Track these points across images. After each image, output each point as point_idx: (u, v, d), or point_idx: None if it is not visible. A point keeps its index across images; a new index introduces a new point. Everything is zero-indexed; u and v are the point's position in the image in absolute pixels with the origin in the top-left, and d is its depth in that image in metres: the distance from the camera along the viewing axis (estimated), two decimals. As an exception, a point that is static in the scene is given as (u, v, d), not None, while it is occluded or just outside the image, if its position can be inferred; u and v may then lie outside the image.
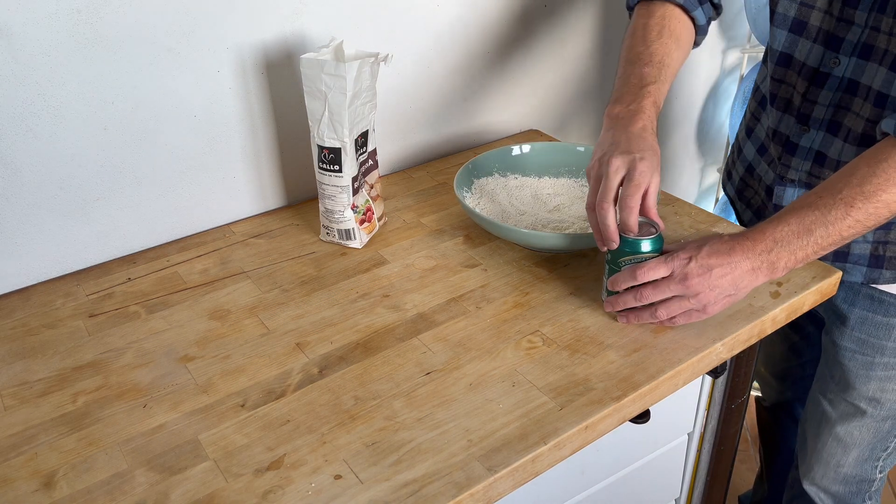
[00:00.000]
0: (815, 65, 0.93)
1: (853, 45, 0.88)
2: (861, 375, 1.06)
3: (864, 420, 1.09)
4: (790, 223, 0.80)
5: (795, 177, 1.00)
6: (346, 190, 1.00)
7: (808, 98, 0.95)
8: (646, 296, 0.82)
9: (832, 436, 1.13)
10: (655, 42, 0.95)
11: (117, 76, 0.95)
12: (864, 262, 0.98)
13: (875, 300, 1.01)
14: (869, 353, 1.04)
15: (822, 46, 0.91)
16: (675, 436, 1.02)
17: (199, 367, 0.84)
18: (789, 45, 0.95)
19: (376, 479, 0.69)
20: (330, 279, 0.98)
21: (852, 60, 0.89)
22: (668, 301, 0.82)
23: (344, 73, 0.91)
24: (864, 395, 1.07)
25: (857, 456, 1.13)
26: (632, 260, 0.84)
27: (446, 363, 0.83)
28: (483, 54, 1.28)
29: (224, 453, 0.73)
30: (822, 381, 1.14)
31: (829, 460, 1.16)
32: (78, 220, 1.00)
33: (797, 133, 0.97)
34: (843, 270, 1.00)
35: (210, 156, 1.07)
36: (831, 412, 1.12)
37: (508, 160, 1.14)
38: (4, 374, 0.84)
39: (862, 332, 1.03)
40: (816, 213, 0.79)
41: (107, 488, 0.69)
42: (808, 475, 1.20)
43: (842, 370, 1.08)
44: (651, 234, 0.83)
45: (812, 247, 0.80)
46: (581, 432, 0.74)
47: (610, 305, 0.86)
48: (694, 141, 1.81)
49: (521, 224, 1.03)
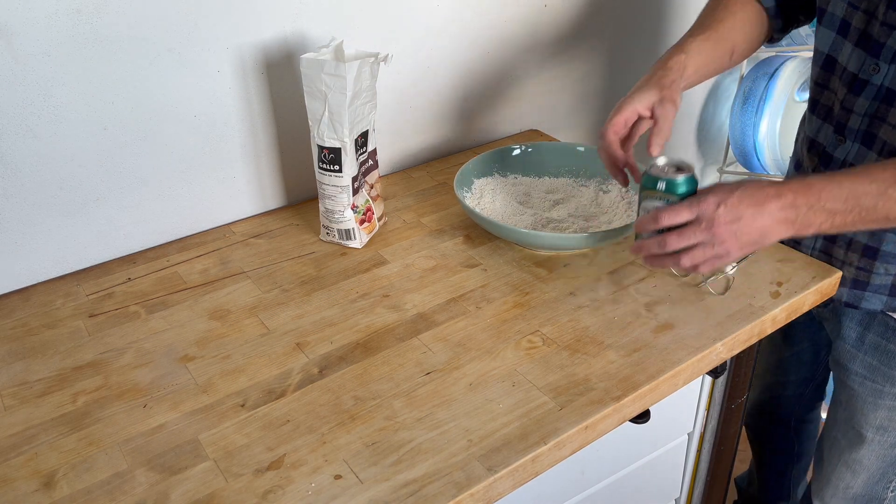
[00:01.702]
0: (855, 70, 0.89)
1: (893, 52, 0.84)
2: (870, 403, 1.03)
3: (871, 447, 1.07)
4: (843, 185, 0.75)
5: None
6: (346, 190, 1.00)
7: (844, 106, 0.91)
8: (669, 244, 0.78)
9: (841, 461, 1.12)
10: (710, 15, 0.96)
11: (117, 76, 0.95)
12: (884, 291, 0.96)
13: (890, 328, 0.98)
14: (879, 382, 1.01)
15: (863, 51, 0.87)
16: (675, 436, 1.02)
17: (199, 367, 0.84)
18: (834, 48, 0.92)
19: (376, 479, 0.69)
20: (330, 279, 0.98)
21: (892, 68, 0.85)
22: (693, 248, 0.78)
23: (344, 73, 0.91)
24: (872, 424, 1.05)
25: (866, 479, 1.11)
26: (658, 200, 0.79)
27: (446, 363, 0.83)
28: (483, 54, 1.28)
29: (224, 453, 0.73)
30: (834, 406, 1.12)
31: (837, 483, 1.14)
32: (78, 220, 1.00)
33: (833, 144, 0.94)
34: (863, 298, 0.98)
35: (210, 156, 1.07)
36: (840, 439, 1.11)
37: (508, 160, 1.14)
38: (4, 374, 0.84)
39: (874, 359, 1.01)
40: (873, 186, 0.75)
41: (107, 488, 0.69)
42: (819, 495, 1.19)
43: (850, 395, 1.06)
44: (681, 176, 0.79)
45: (853, 216, 0.76)
46: (581, 432, 0.74)
47: (635, 250, 0.83)
48: (694, 141, 1.81)
49: (521, 224, 1.03)
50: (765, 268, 0.96)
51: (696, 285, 0.93)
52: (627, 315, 0.89)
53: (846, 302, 1.00)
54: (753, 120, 1.65)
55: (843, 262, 0.97)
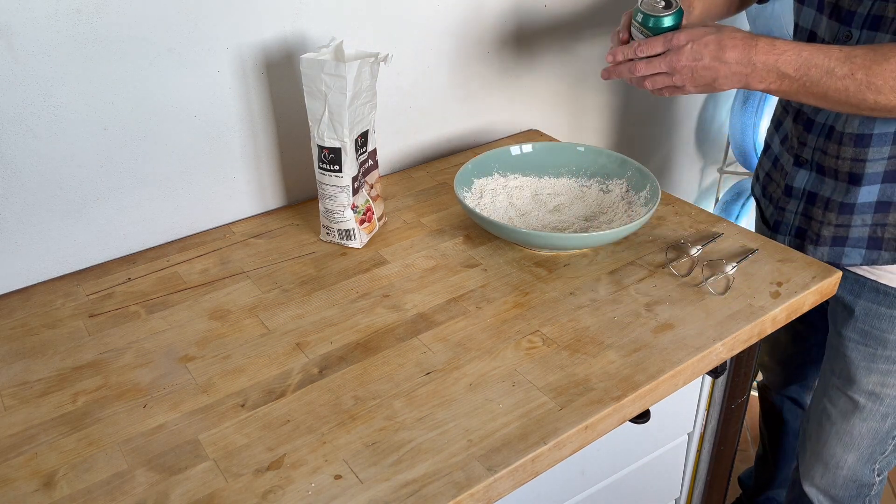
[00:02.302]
0: (830, 40, 0.96)
1: (864, 17, 0.91)
2: (862, 367, 1.07)
3: (863, 417, 1.10)
4: (801, 54, 0.83)
5: (809, 156, 1.03)
6: (346, 190, 1.00)
7: None
8: (638, 70, 0.90)
9: (832, 434, 1.14)
10: None
11: (117, 76, 0.95)
12: (862, 244, 1.01)
13: (881, 293, 1.02)
14: (872, 345, 1.05)
15: (837, 22, 0.94)
16: (675, 436, 1.02)
17: (199, 367, 0.84)
18: (814, 23, 0.99)
19: (376, 479, 0.69)
20: (330, 279, 0.98)
21: (863, 33, 0.92)
22: (655, 75, 0.89)
23: (344, 73, 0.91)
24: (864, 389, 1.08)
25: (856, 457, 1.13)
26: (640, 33, 0.91)
27: (446, 363, 0.83)
28: (483, 54, 1.28)
29: (224, 453, 0.73)
30: (824, 378, 1.15)
31: (828, 461, 1.16)
32: (78, 220, 1.00)
33: (815, 109, 1.01)
34: (843, 254, 1.03)
35: (210, 156, 1.07)
36: (832, 410, 1.13)
37: (508, 160, 1.14)
38: (4, 374, 0.84)
39: (866, 324, 1.05)
40: (824, 62, 0.83)
41: (107, 488, 0.69)
42: (808, 476, 1.21)
43: (844, 362, 1.09)
44: (667, 13, 0.90)
45: (797, 84, 0.84)
46: (581, 432, 0.74)
47: (605, 74, 0.95)
48: (694, 141, 1.81)
49: (521, 224, 1.03)
50: (765, 268, 0.96)
51: (696, 285, 0.93)
52: (627, 315, 0.89)
53: (828, 261, 1.03)
54: (753, 120, 1.65)
55: (822, 221, 1.03)
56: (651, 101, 1.62)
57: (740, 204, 1.82)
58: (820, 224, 1.03)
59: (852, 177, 0.98)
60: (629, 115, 1.59)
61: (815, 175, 1.03)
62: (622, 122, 1.59)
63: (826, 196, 1.02)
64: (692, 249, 0.97)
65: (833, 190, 1.01)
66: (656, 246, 1.01)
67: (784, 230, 1.09)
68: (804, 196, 1.05)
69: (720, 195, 1.88)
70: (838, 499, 1.19)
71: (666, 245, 1.01)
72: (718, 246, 1.01)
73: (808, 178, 1.04)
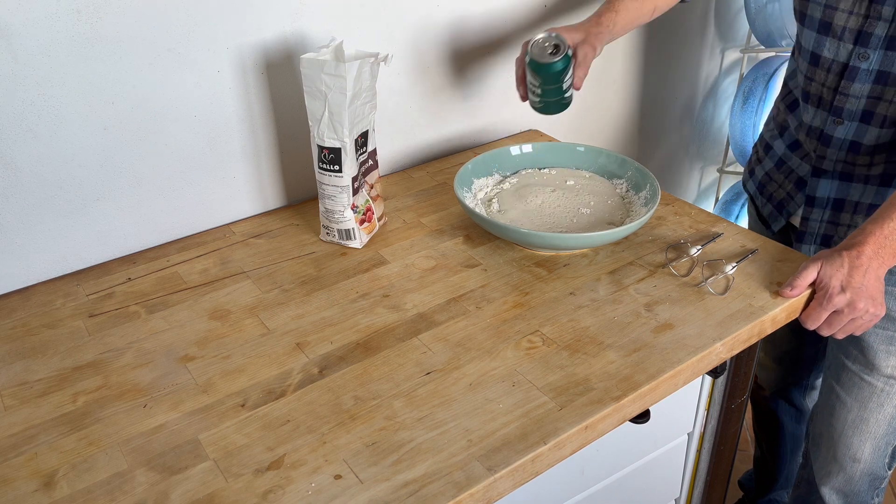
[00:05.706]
0: (844, 60, 0.97)
1: (881, 38, 0.92)
2: (881, 351, 1.07)
3: (881, 401, 1.10)
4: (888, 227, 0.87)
5: (830, 167, 1.04)
6: (346, 190, 1.00)
7: (841, 92, 0.99)
8: (833, 326, 0.91)
9: (848, 423, 1.13)
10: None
11: (117, 76, 0.95)
12: None
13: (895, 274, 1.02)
14: (890, 328, 1.05)
15: (851, 44, 0.95)
16: (675, 436, 1.02)
17: (199, 367, 0.84)
18: (817, 45, 1.00)
19: (376, 479, 0.69)
20: (330, 279, 0.98)
21: (880, 53, 0.93)
22: (846, 325, 0.90)
23: (344, 73, 0.91)
24: (884, 373, 1.08)
25: (872, 448, 1.13)
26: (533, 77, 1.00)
27: (446, 363, 0.83)
28: (483, 54, 1.28)
29: (224, 453, 0.73)
30: (834, 369, 1.14)
31: (844, 455, 1.15)
32: (78, 220, 1.00)
33: (832, 126, 1.01)
34: None
35: (210, 156, 1.07)
36: (846, 398, 1.13)
37: (508, 160, 1.14)
38: (4, 374, 0.84)
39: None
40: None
41: (107, 488, 0.69)
42: (825, 476, 1.20)
43: (861, 346, 1.08)
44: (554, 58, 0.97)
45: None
46: (581, 432, 0.74)
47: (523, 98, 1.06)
48: (694, 141, 1.81)
49: (522, 224, 1.03)
50: (765, 268, 0.96)
51: (696, 285, 0.93)
52: (627, 315, 0.89)
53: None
54: (753, 120, 1.65)
55: (850, 225, 1.05)
56: (651, 102, 1.62)
57: (740, 204, 1.82)
58: (847, 228, 1.05)
59: (884, 178, 0.99)
60: (629, 115, 1.59)
61: (839, 182, 1.04)
62: (622, 122, 1.59)
63: (854, 200, 1.04)
64: (692, 249, 0.97)
65: (862, 193, 1.03)
66: (656, 246, 1.01)
67: (809, 240, 1.09)
68: (829, 204, 1.06)
69: (720, 195, 1.88)
70: (852, 494, 1.19)
71: (666, 245, 1.01)
72: (718, 246, 1.01)
73: (830, 186, 1.05)
